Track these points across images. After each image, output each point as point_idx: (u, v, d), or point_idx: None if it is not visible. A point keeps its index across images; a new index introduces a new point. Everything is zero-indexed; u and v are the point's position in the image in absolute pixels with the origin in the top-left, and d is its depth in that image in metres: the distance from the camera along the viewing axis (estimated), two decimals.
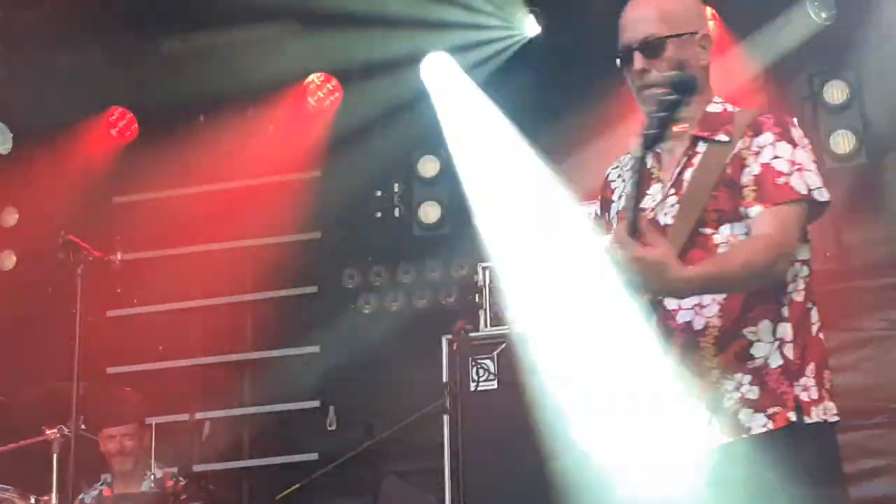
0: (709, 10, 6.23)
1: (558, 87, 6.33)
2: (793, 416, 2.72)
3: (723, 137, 2.86)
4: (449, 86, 6.55)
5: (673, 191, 2.88)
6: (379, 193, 6.79)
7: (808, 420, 2.74)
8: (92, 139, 7.14)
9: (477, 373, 5.05)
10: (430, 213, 6.64)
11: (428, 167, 6.71)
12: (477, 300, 5.31)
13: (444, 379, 5.12)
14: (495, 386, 5.02)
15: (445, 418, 5.06)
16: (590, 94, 5.75)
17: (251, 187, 7.03)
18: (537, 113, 6.29)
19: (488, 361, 5.05)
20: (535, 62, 6.47)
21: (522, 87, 6.42)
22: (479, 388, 5.03)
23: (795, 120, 2.90)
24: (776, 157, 2.78)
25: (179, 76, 7.12)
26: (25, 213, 7.14)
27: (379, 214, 6.78)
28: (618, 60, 2.89)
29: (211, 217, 7.05)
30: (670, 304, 2.80)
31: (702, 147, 2.88)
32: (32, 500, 5.39)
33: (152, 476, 5.94)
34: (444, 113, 6.51)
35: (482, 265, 5.30)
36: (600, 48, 3.18)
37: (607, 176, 3.16)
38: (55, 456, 5.30)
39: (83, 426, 5.40)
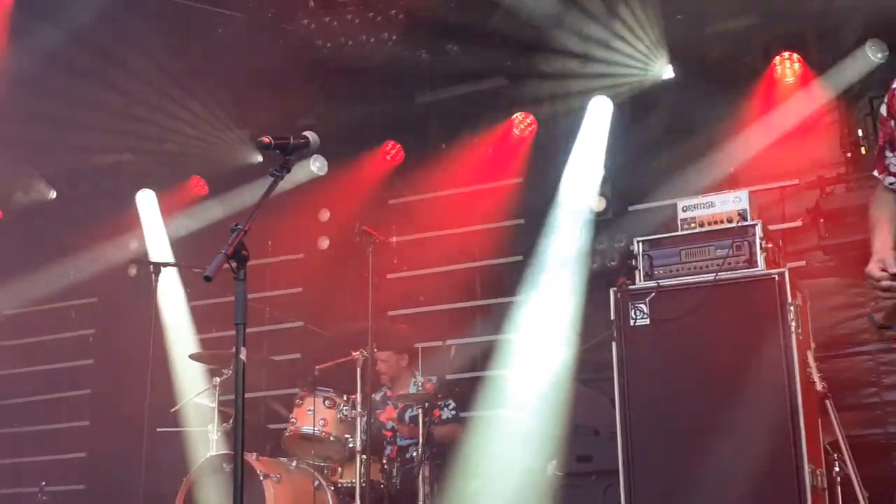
0: (795, 55, 6.08)
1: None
2: None
3: None
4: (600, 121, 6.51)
5: None
6: None
7: None
8: (375, 162, 7.34)
9: (634, 313, 5.00)
10: (599, 204, 6.59)
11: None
12: (633, 263, 5.25)
13: (612, 317, 5.07)
14: (647, 322, 4.96)
15: (614, 344, 5.03)
16: None
17: (478, 191, 7.12)
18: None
19: (642, 305, 4.99)
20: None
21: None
22: (636, 324, 4.98)
23: None
24: None
25: (428, 119, 7.29)
26: (334, 212, 7.34)
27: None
28: None
29: (451, 210, 7.18)
30: None
31: None
32: (345, 398, 5.64)
33: (419, 382, 6.12)
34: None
35: (637, 239, 5.23)
36: None
37: (893, 88, 2.67)
38: (358, 370, 5.44)
39: (375, 349, 5.58)
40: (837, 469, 4.63)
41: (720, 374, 4.64)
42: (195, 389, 6.17)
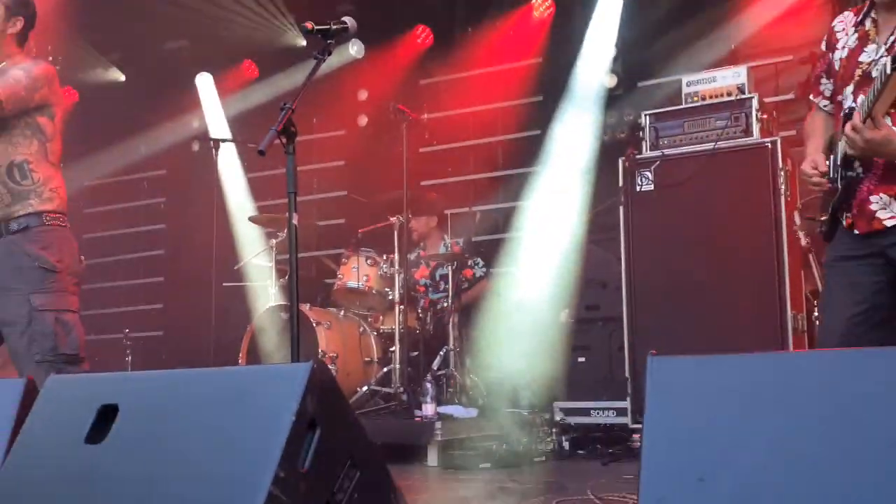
0: None
1: None
2: None
3: None
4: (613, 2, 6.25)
5: (885, 52, 2.45)
6: None
7: None
8: (407, 45, 7.15)
9: (640, 180, 4.95)
10: (610, 81, 6.43)
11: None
12: (640, 135, 5.15)
13: (620, 184, 5.02)
14: (652, 188, 4.92)
15: (621, 208, 5.00)
16: None
17: (500, 70, 6.95)
18: None
19: (648, 172, 4.93)
20: None
21: None
22: (642, 190, 4.94)
23: None
24: None
25: (455, 4, 7.05)
26: (371, 92, 7.19)
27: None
28: None
29: (476, 89, 7.04)
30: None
31: None
32: (384, 257, 5.70)
33: (447, 244, 6.16)
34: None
35: (644, 113, 5.12)
36: None
37: (833, 26, 2.68)
38: (395, 233, 5.46)
39: (410, 215, 5.61)
40: (816, 314, 4.66)
41: (716, 232, 4.64)
42: (255, 250, 6.27)
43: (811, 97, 2.84)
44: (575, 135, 6.44)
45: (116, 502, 1.71)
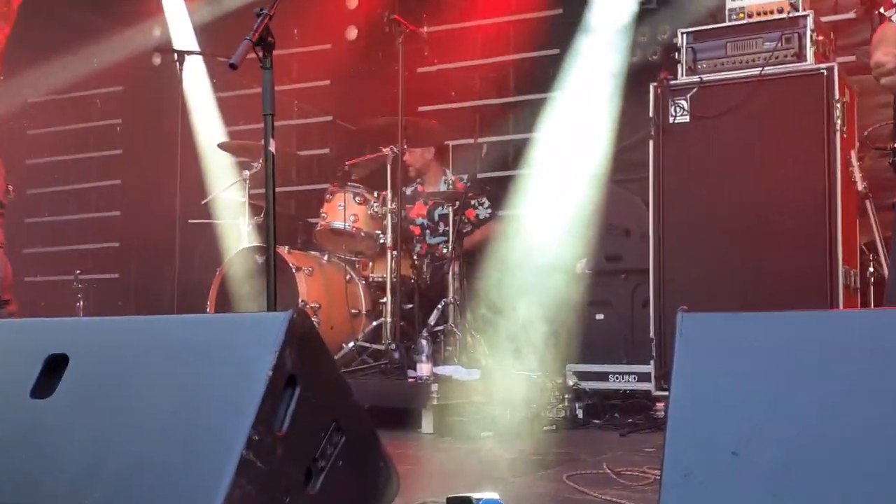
0: None
1: None
2: None
3: None
4: None
5: None
6: None
7: None
8: None
9: (674, 110, 4.92)
10: None
11: None
12: (675, 56, 5.10)
13: (651, 114, 4.98)
14: (687, 120, 4.89)
15: (651, 142, 4.97)
16: None
17: None
18: None
19: (683, 101, 4.90)
20: None
21: None
22: (675, 121, 4.91)
23: None
24: None
25: None
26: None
27: None
28: None
29: (485, 0, 6.96)
30: None
31: None
32: (375, 194, 5.68)
33: (449, 180, 6.14)
34: None
35: (681, 31, 5.05)
36: None
37: None
38: (388, 166, 5.45)
39: (405, 145, 5.57)
40: (872, 270, 4.68)
41: (759, 173, 4.63)
42: (225, 182, 6.24)
43: (881, 10, 2.80)
44: (599, 55, 6.36)
45: (66, 465, 1.72)
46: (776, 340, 1.58)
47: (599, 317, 5.35)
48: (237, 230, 5.90)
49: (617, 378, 5.15)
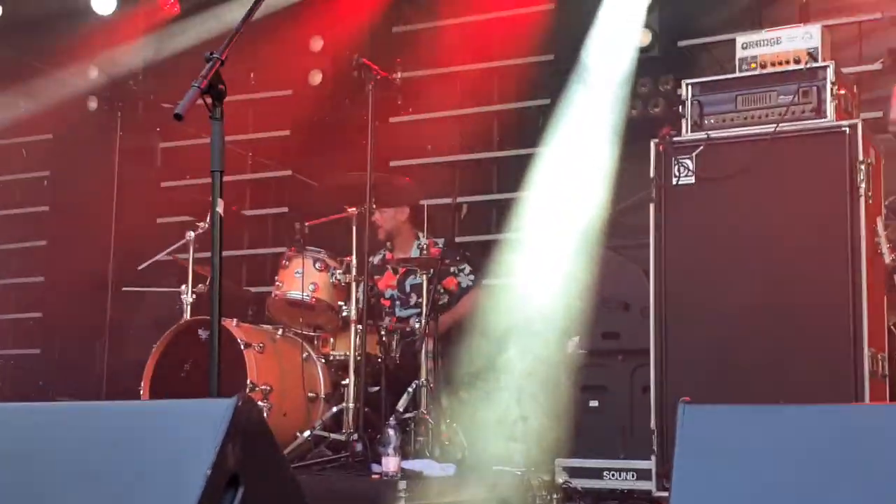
0: None
1: None
2: None
3: None
4: None
5: None
6: None
7: None
8: None
9: (678, 170, 4.97)
10: (643, 38, 6.43)
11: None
12: (680, 110, 5.18)
13: (652, 174, 5.04)
14: (693, 181, 4.94)
15: (652, 206, 5.01)
16: None
17: (500, 18, 6.98)
18: None
19: (688, 161, 4.96)
20: None
21: None
22: (679, 183, 4.96)
23: None
24: None
25: None
26: (328, 40, 7.17)
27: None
28: None
29: (468, 42, 7.06)
30: None
31: None
32: (338, 260, 5.69)
33: (423, 245, 6.17)
34: None
35: (685, 82, 5.14)
36: None
37: None
38: (354, 228, 5.46)
39: (374, 205, 5.60)
40: None
41: (773, 243, 4.66)
42: (166, 245, 6.23)
43: None
44: (594, 107, 6.45)
45: None
46: (790, 438, 1.58)
47: (593, 404, 5.33)
48: (178, 300, 5.87)
49: (613, 476, 5.12)
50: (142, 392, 5.50)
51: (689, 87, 5.07)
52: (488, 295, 6.06)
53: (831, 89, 4.74)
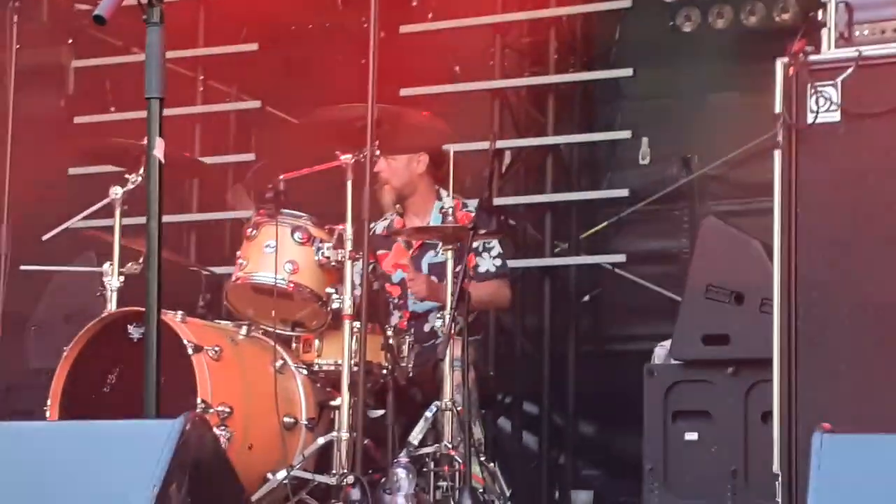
0: None
1: None
2: None
3: None
4: None
5: None
6: None
7: None
8: None
9: (817, 102, 4.97)
10: None
11: None
12: (819, 16, 5.17)
13: (778, 109, 5.03)
14: (838, 118, 4.94)
15: (777, 153, 5.01)
16: None
17: None
18: None
19: (831, 89, 4.96)
20: None
21: None
22: (818, 121, 4.96)
23: None
24: None
25: None
26: None
27: None
28: None
29: None
30: None
31: None
32: (326, 227, 5.70)
33: (446, 207, 6.15)
34: None
35: None
36: None
37: None
38: (349, 183, 5.43)
39: (378, 152, 5.59)
40: None
41: None
42: (82, 206, 6.26)
43: None
44: (695, 13, 6.45)
45: None
46: None
47: (691, 436, 5.37)
48: (99, 285, 5.91)
49: None
50: (48, 412, 5.54)
51: None
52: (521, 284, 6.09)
53: None
